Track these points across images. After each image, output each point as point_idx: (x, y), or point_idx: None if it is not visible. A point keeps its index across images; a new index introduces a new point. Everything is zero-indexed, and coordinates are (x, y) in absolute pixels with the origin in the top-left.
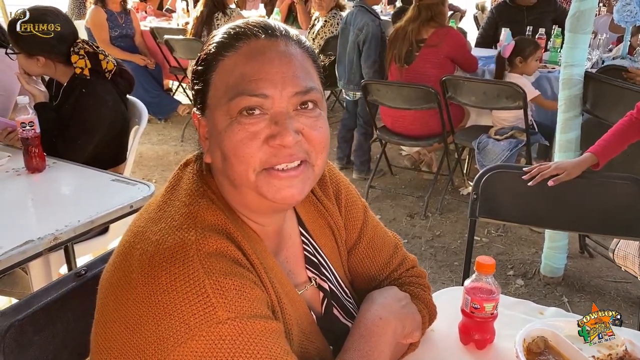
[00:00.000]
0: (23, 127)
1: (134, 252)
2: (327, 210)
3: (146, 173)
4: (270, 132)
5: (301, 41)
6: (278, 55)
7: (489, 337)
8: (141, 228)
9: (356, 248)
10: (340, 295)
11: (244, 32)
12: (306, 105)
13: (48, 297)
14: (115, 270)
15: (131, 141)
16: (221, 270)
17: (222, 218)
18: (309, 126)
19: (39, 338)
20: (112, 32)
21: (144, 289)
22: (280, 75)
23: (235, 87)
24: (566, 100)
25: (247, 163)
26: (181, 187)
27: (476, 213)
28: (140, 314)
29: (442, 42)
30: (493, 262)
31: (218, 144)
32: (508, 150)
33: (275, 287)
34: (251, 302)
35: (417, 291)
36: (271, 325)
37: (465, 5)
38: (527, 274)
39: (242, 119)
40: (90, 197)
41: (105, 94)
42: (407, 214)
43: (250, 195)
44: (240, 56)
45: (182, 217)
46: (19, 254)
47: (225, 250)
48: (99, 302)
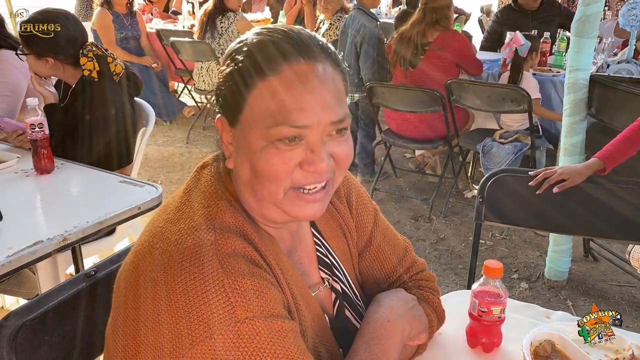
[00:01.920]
0: (32, 129)
1: (154, 252)
2: (338, 212)
3: (152, 174)
4: (305, 159)
5: (336, 60)
6: (318, 82)
7: (496, 341)
8: (160, 228)
9: (366, 251)
10: (352, 297)
11: (284, 54)
12: (340, 132)
13: (59, 297)
14: (134, 269)
15: (138, 143)
16: (239, 271)
17: (239, 220)
18: (340, 150)
19: (50, 338)
20: (118, 33)
21: (164, 288)
22: (320, 105)
23: (277, 115)
24: (571, 104)
25: (280, 183)
26: (199, 188)
27: (482, 216)
28: (158, 312)
29: (447, 45)
30: (501, 266)
31: (249, 160)
32: (513, 154)
33: (291, 288)
34: (268, 302)
35: (426, 295)
36: (288, 325)
37: (470, 9)
38: (531, 277)
39: (280, 145)
40: (98, 198)
41: (113, 96)
42: (411, 216)
43: (272, 210)
44: (280, 82)
45: (201, 218)
46: (28, 255)
47: (243, 251)
48: (116, 301)
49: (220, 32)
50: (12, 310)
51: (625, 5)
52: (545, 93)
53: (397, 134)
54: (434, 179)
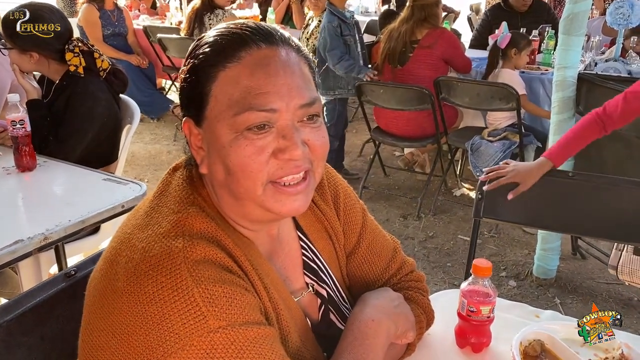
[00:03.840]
0: (13, 126)
1: (120, 259)
2: (324, 214)
3: (138, 172)
4: (278, 146)
5: (298, 47)
6: (282, 66)
7: (485, 341)
8: (127, 235)
9: (355, 252)
10: (338, 301)
11: (244, 41)
12: (311, 117)
13: (37, 298)
14: (101, 278)
15: (123, 140)
16: (210, 278)
17: (212, 226)
18: (313, 137)
19: (28, 339)
20: (104, 30)
21: (130, 298)
22: (286, 87)
23: (242, 102)
24: (559, 102)
25: (255, 178)
26: (170, 193)
27: (480, 213)
28: (127, 323)
29: (435, 43)
30: (490, 265)
31: (221, 158)
32: (501, 152)
33: (271, 293)
34: (242, 309)
35: (416, 295)
36: (265, 331)
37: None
38: (519, 275)
39: (250, 134)
40: (81, 196)
41: (98, 92)
42: (400, 214)
43: (253, 208)
44: (243, 68)
45: (170, 224)
46: (8, 254)
47: (214, 257)
48: (85, 309)
49: (208, 29)
50: None
51: (612, 3)
52: (534, 91)
53: (386, 132)
54: (423, 177)
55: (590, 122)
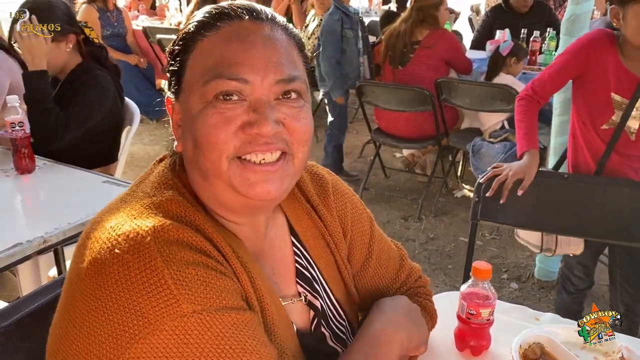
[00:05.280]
0: (12, 128)
1: (87, 242)
2: (323, 221)
3: (137, 173)
4: (248, 119)
5: (288, 28)
6: (262, 40)
7: (484, 344)
8: (99, 218)
9: (367, 264)
10: (331, 316)
11: (227, 13)
12: (289, 95)
13: (35, 303)
14: (71, 263)
15: (123, 142)
16: (182, 259)
17: (189, 210)
18: (291, 116)
19: (26, 345)
20: (103, 30)
21: (93, 280)
22: (264, 61)
23: (213, 70)
24: (561, 104)
25: (220, 150)
26: (150, 179)
27: (477, 216)
28: (88, 309)
29: (436, 44)
30: (489, 268)
31: (190, 130)
32: (502, 153)
33: (256, 283)
34: (219, 294)
35: (425, 302)
36: (244, 317)
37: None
38: (521, 278)
39: (218, 103)
40: (80, 199)
41: (108, 85)
42: (401, 216)
43: (222, 187)
44: (220, 37)
45: (142, 206)
46: (7, 257)
47: (188, 239)
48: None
49: None
50: None
51: None
52: None
53: (386, 133)
54: (423, 178)
55: (529, 104)
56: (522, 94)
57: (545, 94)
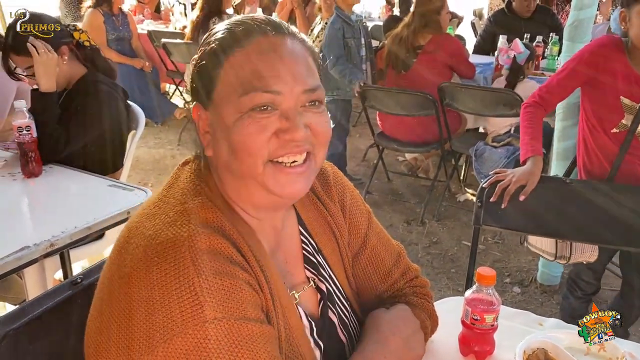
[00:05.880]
0: (20, 132)
1: (129, 247)
2: (328, 211)
3: (142, 177)
4: (281, 127)
5: (304, 39)
6: (287, 53)
7: (488, 349)
8: (136, 223)
9: (361, 253)
10: (337, 298)
11: (253, 28)
12: (313, 102)
13: (44, 306)
14: (110, 265)
15: (128, 146)
16: (212, 269)
17: (217, 215)
18: (315, 122)
19: (34, 347)
20: (109, 34)
21: (136, 283)
22: (291, 73)
23: (247, 84)
24: (564, 109)
25: (256, 155)
26: (178, 185)
27: (480, 221)
28: (130, 307)
29: (439, 48)
30: (494, 274)
31: (225, 137)
32: (505, 158)
33: (271, 288)
34: (241, 304)
35: (420, 302)
36: (261, 329)
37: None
38: (523, 282)
39: (253, 114)
40: (87, 202)
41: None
42: (404, 220)
43: (256, 188)
44: (251, 53)
45: (177, 214)
46: (14, 260)
47: (218, 247)
48: (95, 297)
49: None
50: None
51: (617, 9)
52: None
53: (390, 137)
54: (426, 182)
55: (536, 111)
56: (528, 100)
57: (552, 101)
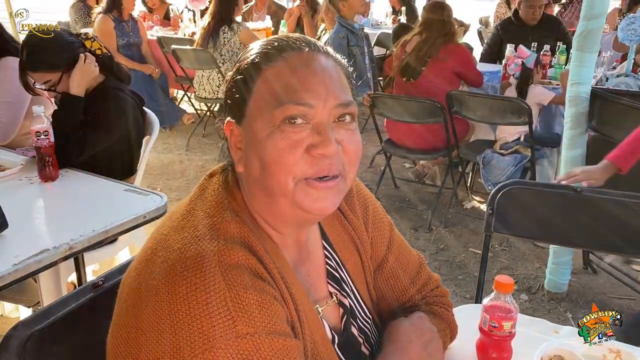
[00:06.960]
0: (37, 136)
1: (156, 260)
2: (352, 225)
3: (151, 182)
4: (313, 142)
5: (337, 58)
6: (321, 69)
7: (506, 356)
8: (164, 236)
9: (383, 266)
10: (359, 314)
11: (288, 44)
12: (344, 118)
13: (66, 308)
14: (136, 276)
15: (142, 151)
16: (242, 284)
17: (244, 230)
18: (347, 139)
19: (58, 348)
20: (119, 40)
21: (164, 297)
22: (324, 87)
23: (281, 97)
24: (572, 118)
25: (288, 171)
26: (206, 197)
27: (491, 228)
28: (158, 321)
29: (448, 57)
30: (512, 282)
31: (257, 153)
32: (513, 166)
33: (296, 303)
34: (271, 319)
35: (441, 311)
36: (289, 344)
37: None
38: (531, 289)
39: (285, 127)
40: (103, 206)
41: (125, 108)
42: (411, 226)
43: (285, 204)
44: (285, 67)
45: (205, 227)
46: (35, 263)
47: (247, 263)
48: (117, 306)
49: (223, 43)
50: (20, 321)
51: (624, 19)
52: (546, 106)
53: (397, 144)
54: (433, 189)
55: None
56: None
57: None
